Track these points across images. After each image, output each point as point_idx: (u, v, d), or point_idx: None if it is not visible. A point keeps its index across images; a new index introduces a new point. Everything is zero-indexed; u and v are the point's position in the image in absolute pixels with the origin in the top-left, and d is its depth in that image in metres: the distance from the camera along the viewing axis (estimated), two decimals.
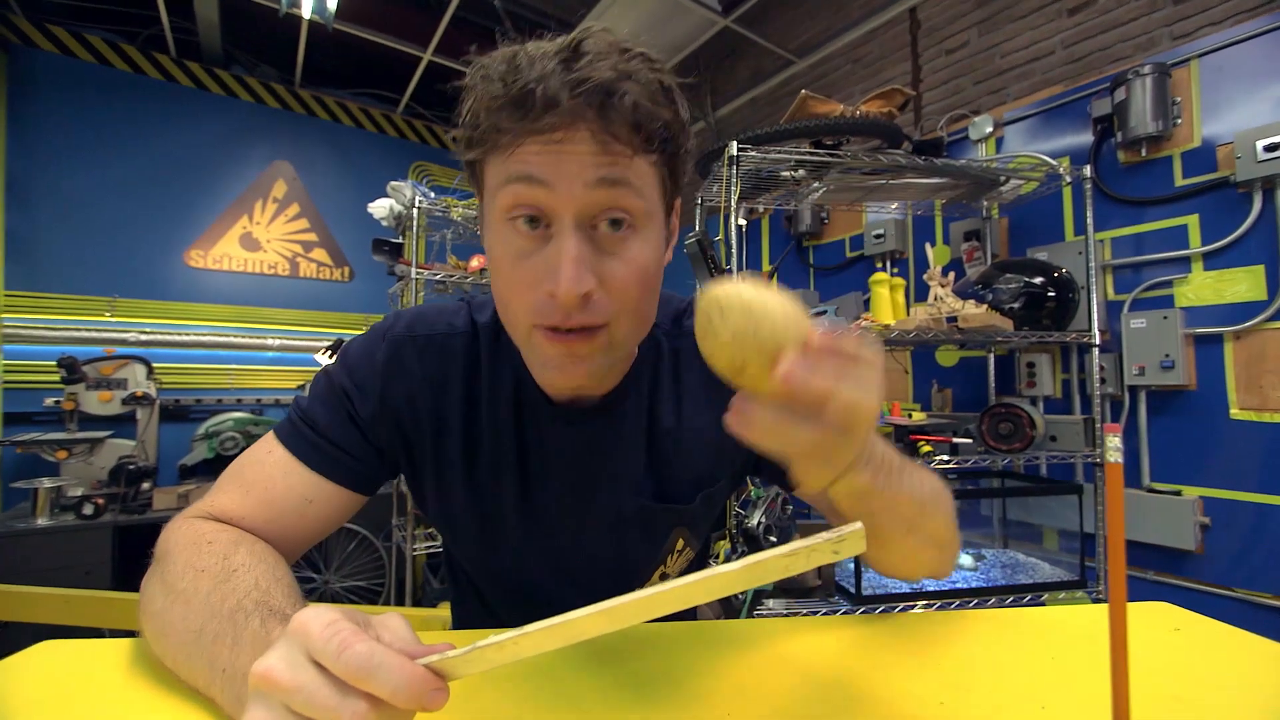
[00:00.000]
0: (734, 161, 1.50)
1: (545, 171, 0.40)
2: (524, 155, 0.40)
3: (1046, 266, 1.68)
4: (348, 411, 0.54)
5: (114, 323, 2.83)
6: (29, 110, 2.70)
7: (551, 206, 0.41)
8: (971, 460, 1.56)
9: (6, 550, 2.09)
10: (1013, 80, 2.14)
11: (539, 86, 0.38)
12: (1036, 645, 0.49)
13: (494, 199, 0.43)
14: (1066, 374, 1.89)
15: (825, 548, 0.27)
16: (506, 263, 0.44)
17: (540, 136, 0.40)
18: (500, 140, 0.41)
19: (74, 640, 0.51)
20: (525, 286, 0.43)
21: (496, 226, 0.44)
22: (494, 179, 0.43)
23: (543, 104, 0.39)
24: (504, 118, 0.40)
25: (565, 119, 0.39)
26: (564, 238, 0.41)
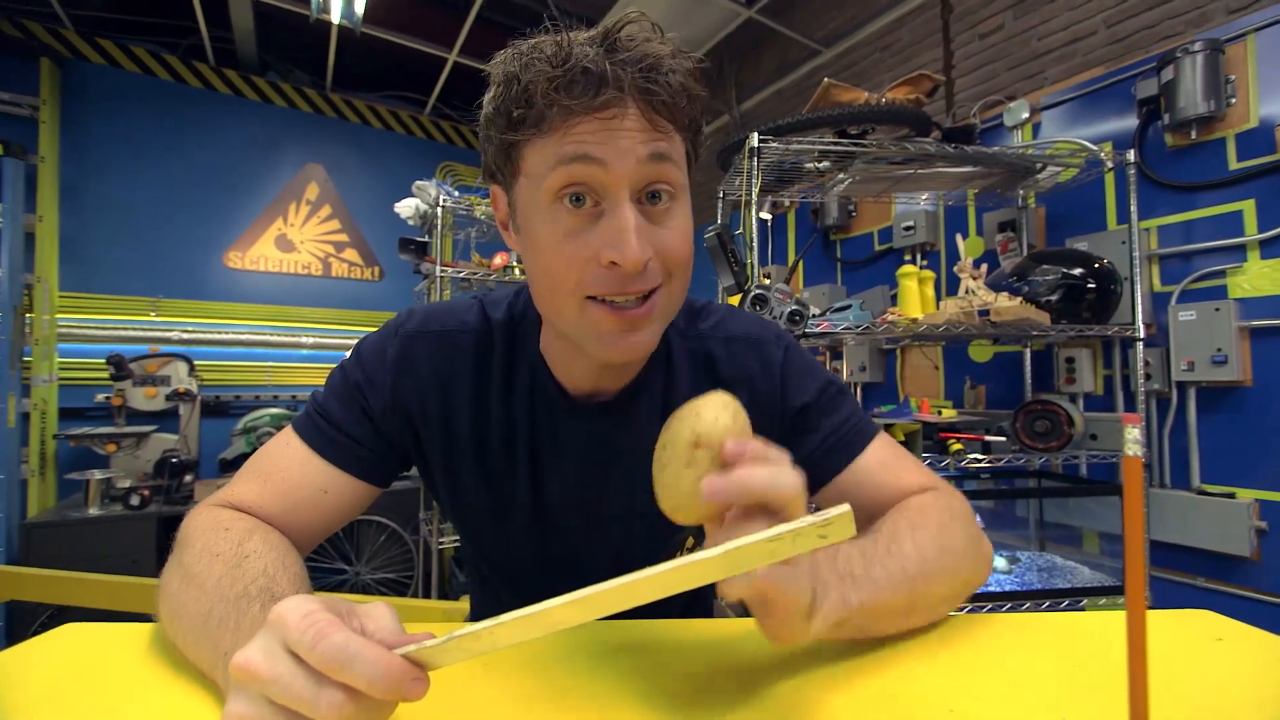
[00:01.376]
0: (755, 153, 1.48)
1: (601, 150, 0.42)
2: (577, 135, 0.42)
3: (1086, 257, 1.60)
4: (361, 405, 0.55)
5: (158, 322, 2.96)
6: (80, 121, 2.84)
7: (605, 183, 0.43)
8: (1005, 459, 1.50)
9: (61, 537, 2.21)
10: (1050, 63, 2.05)
11: (593, 66, 0.40)
12: (1061, 652, 0.46)
13: (540, 181, 0.44)
14: (1109, 370, 1.80)
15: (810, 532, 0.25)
16: (556, 241, 0.44)
17: (595, 115, 0.41)
18: (552, 121, 0.42)
19: (96, 624, 0.53)
20: (581, 261, 0.44)
21: (543, 207, 0.45)
22: (541, 161, 0.44)
23: (598, 83, 0.41)
24: (561, 96, 0.41)
25: (617, 97, 0.41)
26: (622, 210, 0.43)
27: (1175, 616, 0.52)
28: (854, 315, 1.56)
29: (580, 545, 0.59)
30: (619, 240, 0.42)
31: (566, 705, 0.38)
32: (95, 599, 1.46)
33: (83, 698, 0.40)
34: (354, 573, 2.76)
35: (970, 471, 1.80)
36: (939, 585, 0.46)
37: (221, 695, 0.38)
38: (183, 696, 0.40)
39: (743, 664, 0.44)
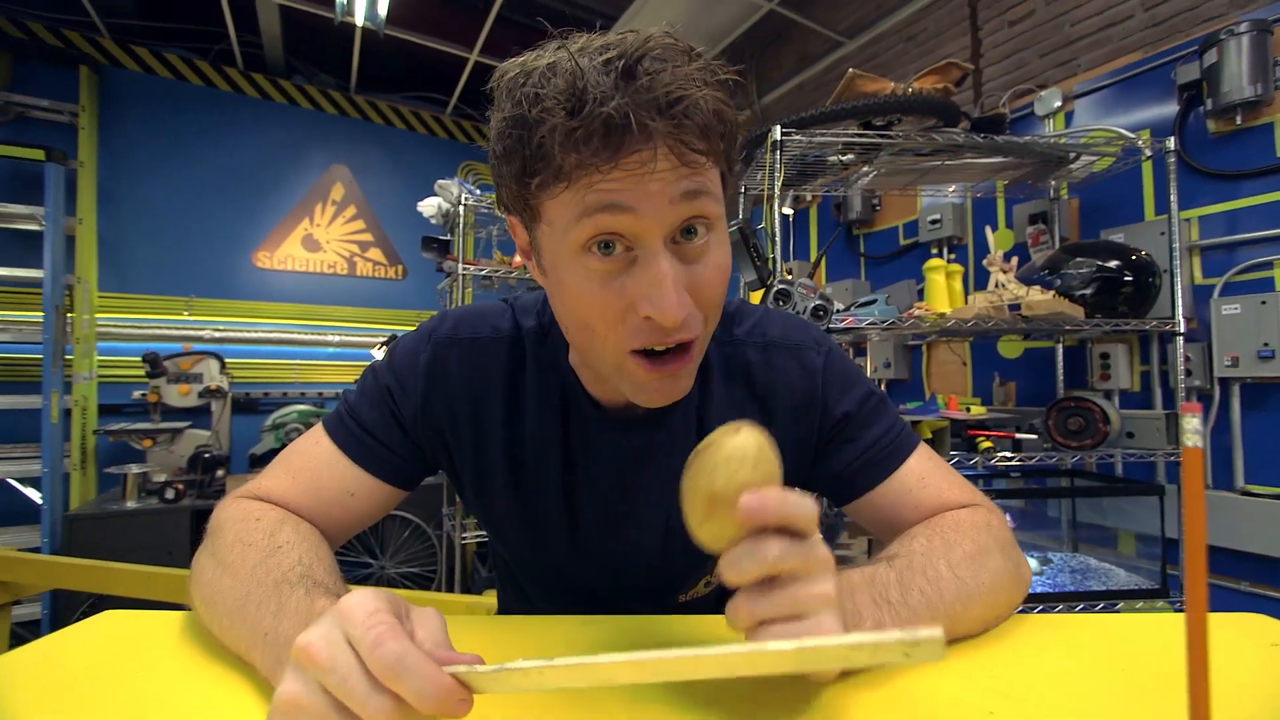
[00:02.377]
0: (777, 146, 1.46)
1: (631, 198, 0.38)
2: (603, 185, 0.38)
3: (1123, 249, 1.55)
4: (391, 410, 0.54)
5: (191, 321, 3.05)
6: (117, 126, 2.93)
7: (637, 230, 0.39)
8: (1037, 458, 1.46)
9: (101, 529, 2.29)
10: (1084, 50, 1.98)
11: (615, 113, 0.35)
12: (1104, 655, 0.44)
13: (564, 232, 0.40)
14: (1146, 366, 1.74)
15: (895, 648, 0.24)
16: (589, 292, 0.41)
17: (620, 166, 0.37)
18: (572, 173, 0.38)
19: (134, 611, 0.54)
20: (616, 315, 0.41)
21: (571, 258, 0.41)
22: (563, 213, 0.40)
23: (621, 134, 0.36)
24: (584, 152, 0.37)
25: (645, 141, 0.37)
26: (657, 261, 0.39)
27: (1228, 620, 0.50)
28: (879, 310, 1.53)
29: (614, 554, 0.58)
30: (656, 296, 0.39)
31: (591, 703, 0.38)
32: (132, 588, 1.50)
33: (121, 681, 0.41)
34: (379, 566, 2.81)
35: (1000, 470, 1.76)
36: (976, 610, 0.44)
37: (257, 675, 0.39)
38: (215, 681, 0.41)
39: None
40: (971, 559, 0.45)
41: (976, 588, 0.44)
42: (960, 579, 0.44)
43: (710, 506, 0.32)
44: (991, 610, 0.46)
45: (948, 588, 0.43)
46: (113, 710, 0.37)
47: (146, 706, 0.37)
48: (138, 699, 0.38)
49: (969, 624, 0.44)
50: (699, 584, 0.60)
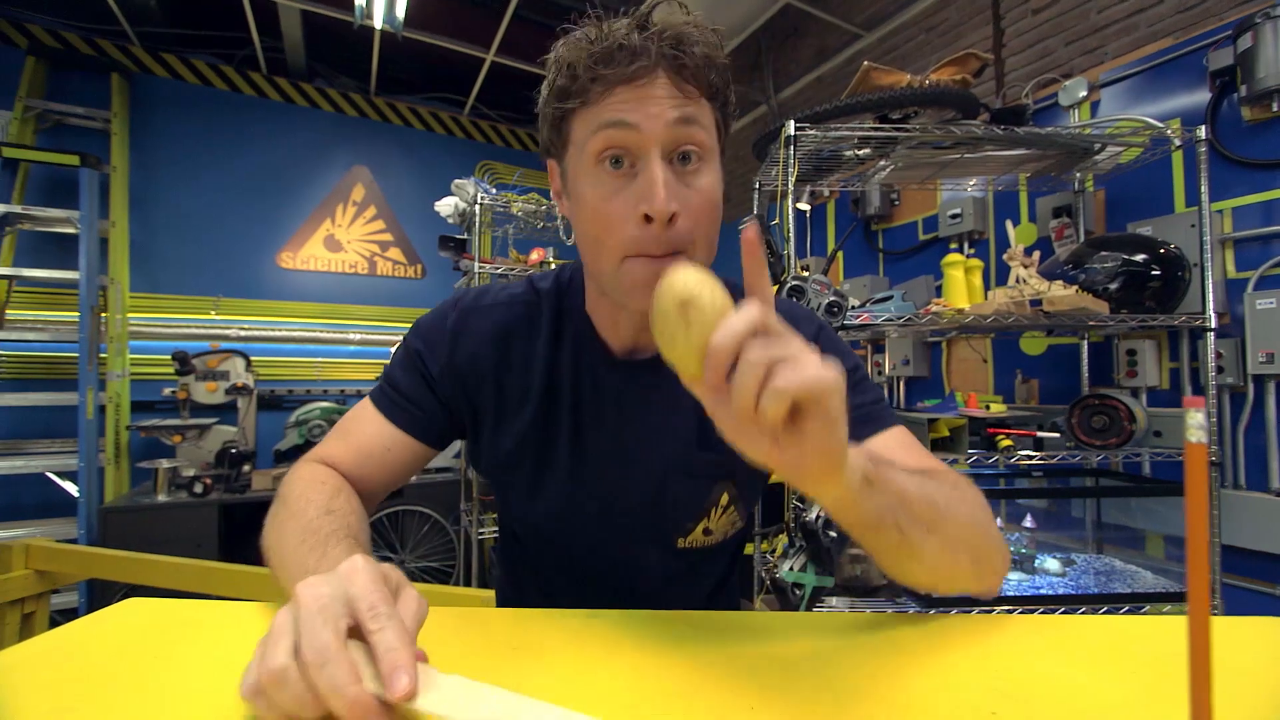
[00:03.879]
0: (791, 142, 1.44)
1: (633, 115, 0.47)
2: (614, 104, 0.47)
3: (1150, 242, 1.50)
4: (420, 372, 0.62)
5: (218, 320, 3.13)
6: (147, 131, 3.02)
7: (638, 144, 0.48)
8: (1059, 456, 1.43)
9: (134, 522, 2.37)
10: (1111, 37, 1.92)
11: (625, 41, 0.47)
12: (1117, 657, 0.43)
13: (584, 147, 0.50)
14: (1175, 362, 1.69)
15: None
16: (598, 201, 0.50)
17: (628, 84, 0.47)
18: (592, 90, 0.48)
19: (158, 599, 0.56)
20: (619, 219, 0.49)
21: (586, 172, 0.50)
22: (584, 129, 0.50)
23: (629, 55, 0.47)
24: (599, 68, 0.47)
25: (647, 66, 0.47)
26: (653, 166, 0.47)
27: (1247, 624, 0.48)
28: (896, 306, 1.50)
29: (617, 494, 0.62)
30: (649, 193, 0.47)
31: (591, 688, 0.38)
32: (163, 579, 1.55)
33: (141, 668, 0.42)
34: (399, 560, 2.85)
35: (1021, 469, 1.72)
36: (956, 528, 0.44)
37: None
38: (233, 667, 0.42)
39: (774, 660, 0.44)
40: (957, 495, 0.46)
41: (959, 509, 0.45)
42: (946, 494, 0.44)
43: (684, 310, 0.32)
44: (973, 533, 0.46)
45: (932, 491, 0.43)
46: (133, 695, 0.38)
47: (166, 692, 0.39)
48: (158, 685, 0.40)
49: (951, 533, 0.43)
50: (698, 530, 0.63)
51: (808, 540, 1.31)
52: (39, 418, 2.66)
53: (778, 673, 0.41)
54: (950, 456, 1.43)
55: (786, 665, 0.42)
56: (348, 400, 3.36)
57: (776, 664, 0.43)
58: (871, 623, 0.51)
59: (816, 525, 1.27)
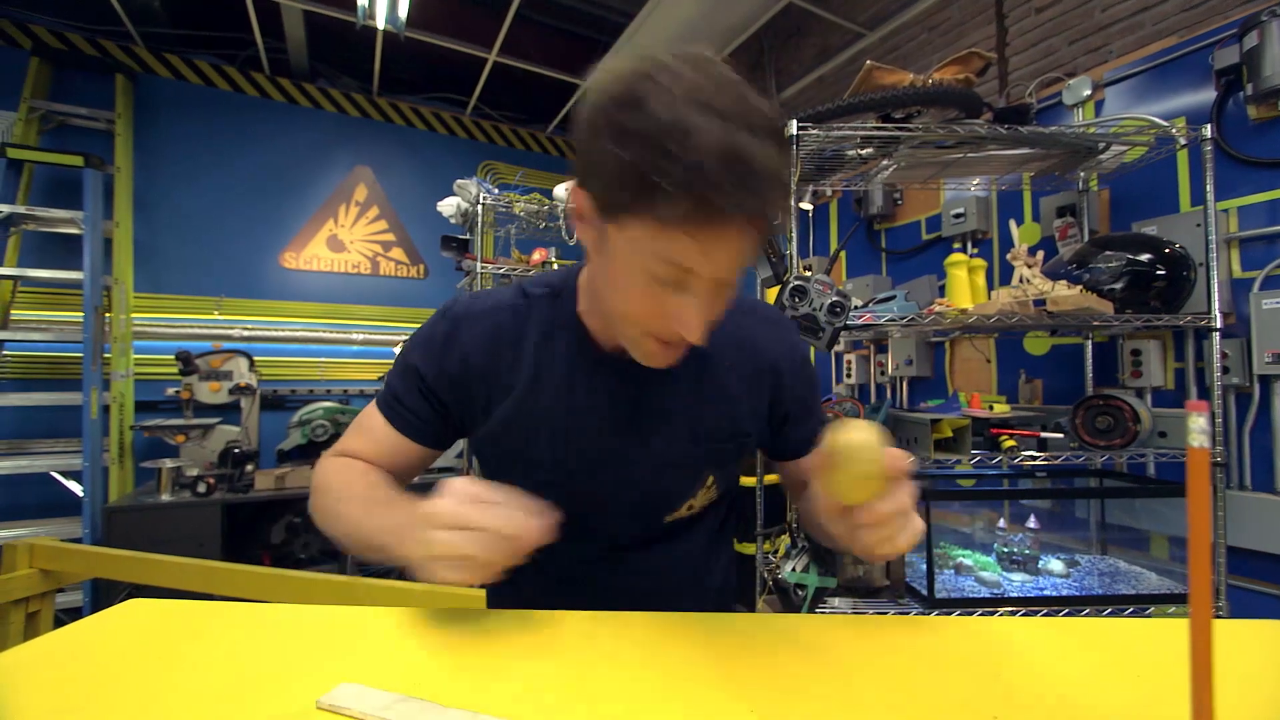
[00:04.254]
0: (794, 141, 1.44)
1: (698, 266, 0.47)
2: (684, 250, 0.46)
3: (1155, 241, 1.50)
4: (416, 383, 0.65)
5: (221, 320, 3.14)
6: (151, 131, 3.03)
7: (691, 282, 0.48)
8: (1062, 457, 1.42)
9: (138, 521, 2.38)
10: (1116, 35, 1.92)
11: (718, 200, 0.42)
12: (1119, 659, 0.43)
13: (639, 253, 0.48)
14: (1180, 363, 1.68)
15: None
16: (636, 296, 0.50)
17: (714, 227, 0.45)
18: (667, 225, 0.45)
19: (161, 600, 0.56)
20: (652, 315, 0.51)
21: (636, 270, 0.49)
22: (644, 235, 0.46)
23: (719, 218, 0.44)
24: (684, 217, 0.44)
25: (734, 232, 0.46)
26: (698, 300, 0.49)
27: (1251, 627, 0.48)
28: (898, 306, 1.50)
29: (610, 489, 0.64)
30: (690, 325, 0.50)
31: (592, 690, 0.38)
32: (167, 579, 1.56)
33: (145, 667, 0.42)
34: None
35: (1025, 470, 1.72)
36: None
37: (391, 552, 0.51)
38: (235, 667, 0.42)
39: (775, 662, 0.43)
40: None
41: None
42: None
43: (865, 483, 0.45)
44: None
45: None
46: (137, 696, 0.38)
47: (170, 693, 0.39)
48: (162, 685, 0.40)
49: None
50: (683, 508, 0.68)
51: (810, 541, 1.30)
52: (43, 417, 2.67)
53: (778, 675, 0.41)
54: (954, 457, 1.42)
55: (787, 667, 0.42)
56: (351, 400, 3.36)
57: (777, 666, 0.42)
58: (874, 625, 0.50)
59: None
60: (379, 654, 0.45)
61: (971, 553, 1.67)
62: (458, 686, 0.39)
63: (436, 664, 0.43)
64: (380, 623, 0.51)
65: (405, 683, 0.39)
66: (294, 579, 1.38)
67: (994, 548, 1.63)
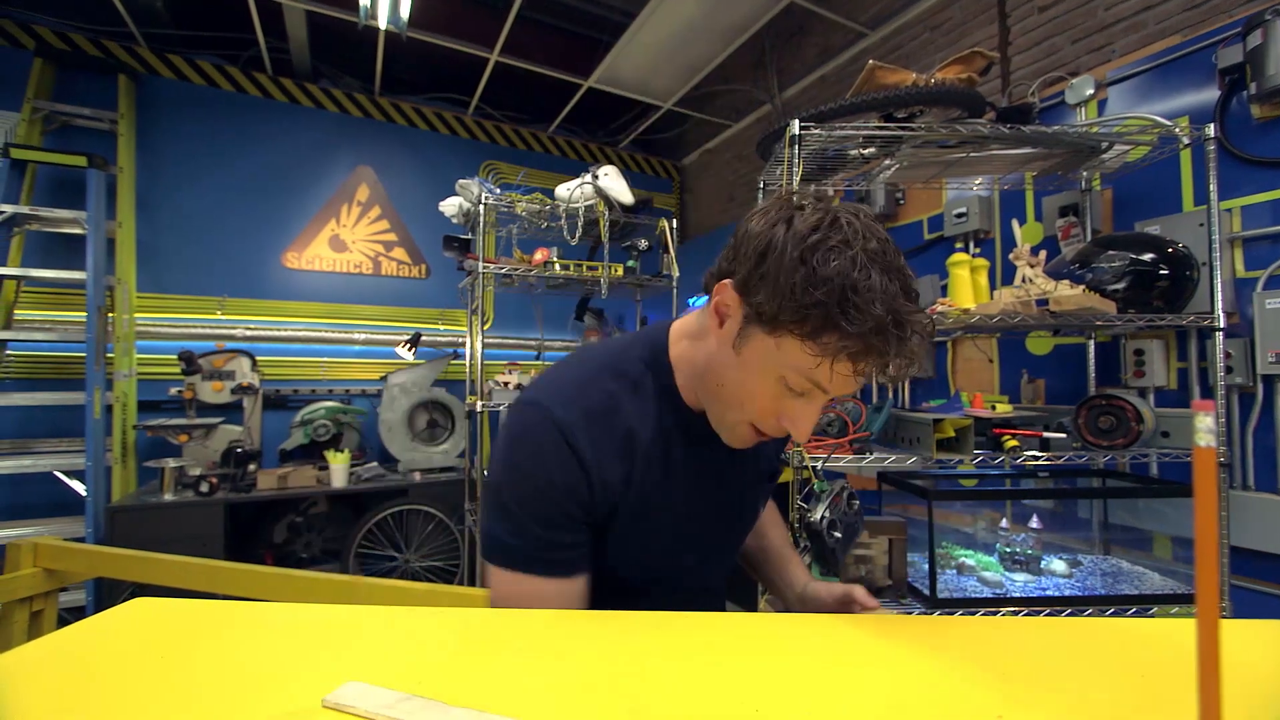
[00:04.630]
0: (796, 141, 1.44)
1: (834, 389, 0.55)
2: (826, 375, 0.53)
3: (1158, 241, 1.49)
4: (567, 517, 0.60)
5: (224, 320, 3.15)
6: (153, 132, 3.04)
7: (816, 395, 0.56)
8: (1065, 457, 1.42)
9: (141, 521, 2.38)
10: (1119, 34, 1.91)
11: (880, 347, 0.51)
12: (1123, 660, 0.43)
13: (778, 362, 0.54)
14: (1183, 362, 1.67)
15: None
16: (763, 393, 0.57)
17: (847, 372, 0.53)
18: (820, 353, 0.52)
19: (166, 599, 0.56)
20: (767, 413, 0.58)
21: (768, 373, 0.56)
22: (791, 357, 0.54)
23: (867, 359, 0.52)
24: (842, 351, 0.52)
25: (869, 366, 0.53)
26: (815, 410, 0.57)
27: (1254, 627, 0.48)
28: None
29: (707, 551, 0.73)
30: (801, 428, 0.57)
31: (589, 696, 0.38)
32: (170, 578, 1.56)
33: (150, 667, 0.43)
34: (403, 560, 2.87)
35: (1027, 470, 1.71)
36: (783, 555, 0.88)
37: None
38: (240, 668, 0.42)
39: (779, 662, 0.43)
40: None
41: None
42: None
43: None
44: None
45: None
46: (141, 696, 0.39)
47: (174, 692, 0.39)
48: (165, 685, 0.40)
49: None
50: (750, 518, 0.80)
51: (812, 541, 1.30)
52: (47, 417, 2.68)
53: (783, 675, 0.41)
54: (956, 457, 1.42)
55: (792, 667, 0.42)
56: (353, 400, 3.37)
57: (782, 666, 0.42)
58: (878, 625, 0.50)
59: (821, 526, 1.27)
60: (384, 652, 0.45)
61: (974, 553, 1.67)
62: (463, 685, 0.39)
63: (441, 662, 0.43)
64: (384, 621, 0.52)
65: (410, 681, 0.39)
66: (296, 578, 1.38)
67: (996, 548, 1.63)
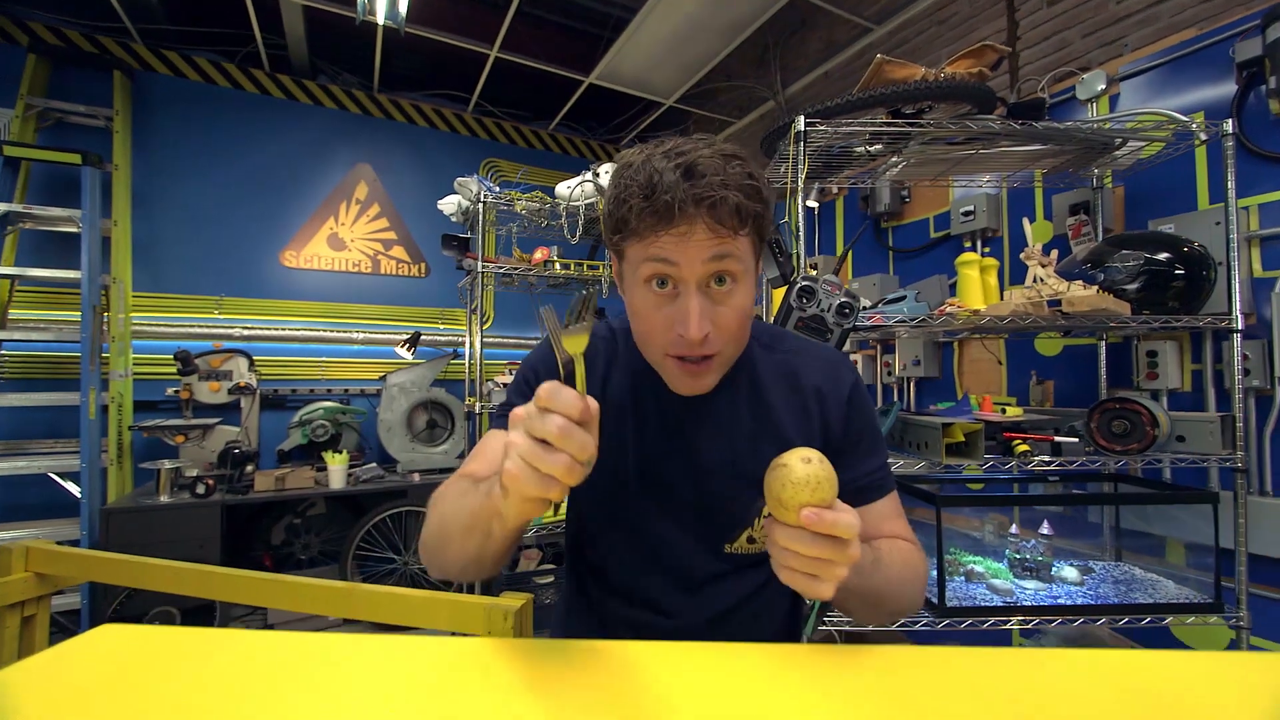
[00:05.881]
0: (802, 137, 1.40)
1: (675, 255, 0.57)
2: (660, 245, 0.57)
3: (1174, 240, 1.45)
4: (530, 388, 0.67)
5: (221, 319, 3.11)
6: (149, 129, 3.01)
7: (678, 276, 0.59)
8: (1078, 462, 1.39)
9: (136, 523, 2.35)
10: (1132, 28, 1.87)
11: (672, 201, 0.55)
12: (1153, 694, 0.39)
13: (636, 269, 0.60)
14: (1198, 364, 1.63)
15: None
16: (644, 311, 0.62)
17: (671, 232, 0.57)
18: (643, 234, 0.58)
19: (133, 626, 0.53)
20: (661, 329, 0.61)
21: (638, 285, 0.61)
22: (635, 256, 0.60)
23: (677, 213, 0.56)
24: (647, 221, 0.57)
25: (689, 220, 0.56)
26: (689, 298, 0.59)
27: None
28: (909, 307, 1.46)
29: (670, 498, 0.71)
30: (684, 322, 0.58)
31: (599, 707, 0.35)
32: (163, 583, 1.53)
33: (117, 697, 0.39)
34: (402, 562, 2.84)
35: (1037, 474, 1.68)
36: (896, 604, 0.65)
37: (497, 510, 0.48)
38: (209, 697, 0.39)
39: (790, 694, 0.40)
40: (906, 579, 0.65)
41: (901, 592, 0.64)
42: (893, 578, 0.63)
43: (779, 508, 0.48)
44: (899, 607, 0.66)
45: (889, 580, 0.62)
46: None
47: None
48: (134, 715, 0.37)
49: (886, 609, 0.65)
50: (741, 538, 0.71)
51: None
52: (42, 418, 2.65)
53: (794, 708, 0.38)
54: (965, 462, 1.39)
55: (804, 701, 0.39)
56: (351, 400, 3.34)
57: (793, 698, 0.39)
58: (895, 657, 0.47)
59: None
60: (357, 686, 0.42)
61: (983, 559, 1.63)
62: None
63: (427, 698, 0.40)
64: (359, 650, 0.48)
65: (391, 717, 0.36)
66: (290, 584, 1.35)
67: (1005, 554, 1.60)
